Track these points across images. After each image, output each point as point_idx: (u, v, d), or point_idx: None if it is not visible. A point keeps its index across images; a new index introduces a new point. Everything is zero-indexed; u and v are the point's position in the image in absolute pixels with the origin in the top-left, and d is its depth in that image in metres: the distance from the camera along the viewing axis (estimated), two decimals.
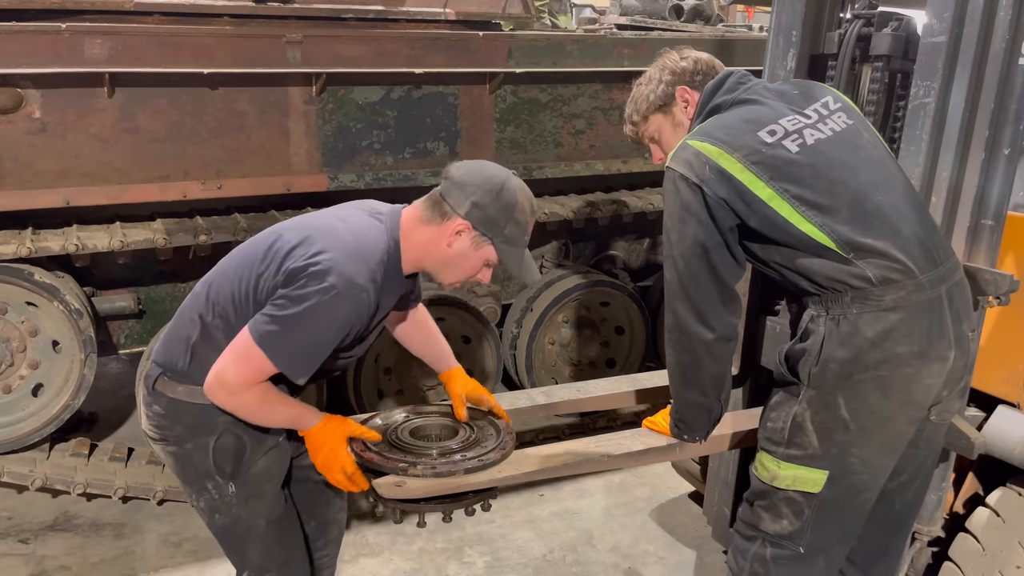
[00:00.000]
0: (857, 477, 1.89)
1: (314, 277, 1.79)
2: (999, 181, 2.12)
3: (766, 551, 1.98)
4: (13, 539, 3.31)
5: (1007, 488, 2.34)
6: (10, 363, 3.31)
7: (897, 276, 1.78)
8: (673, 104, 2.08)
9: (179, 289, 3.72)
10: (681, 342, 1.95)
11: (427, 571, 3.16)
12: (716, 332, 1.92)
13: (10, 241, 3.11)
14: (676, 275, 1.91)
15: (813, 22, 2.48)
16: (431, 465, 1.95)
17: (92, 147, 3.19)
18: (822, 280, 1.83)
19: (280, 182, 3.50)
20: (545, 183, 4.11)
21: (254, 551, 2.12)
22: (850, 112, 1.99)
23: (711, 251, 1.87)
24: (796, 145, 1.85)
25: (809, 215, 1.80)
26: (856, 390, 1.82)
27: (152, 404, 2.00)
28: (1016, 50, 2.06)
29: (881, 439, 1.87)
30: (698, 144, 1.87)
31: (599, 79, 3.97)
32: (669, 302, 1.95)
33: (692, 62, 2.08)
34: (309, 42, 3.35)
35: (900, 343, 1.79)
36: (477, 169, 1.97)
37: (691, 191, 1.85)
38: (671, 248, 1.91)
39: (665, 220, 1.93)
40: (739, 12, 9.84)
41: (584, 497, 3.69)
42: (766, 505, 1.96)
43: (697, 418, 2.07)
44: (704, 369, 1.98)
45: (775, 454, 1.92)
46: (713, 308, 1.90)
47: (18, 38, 2.96)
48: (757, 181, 1.82)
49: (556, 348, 4.21)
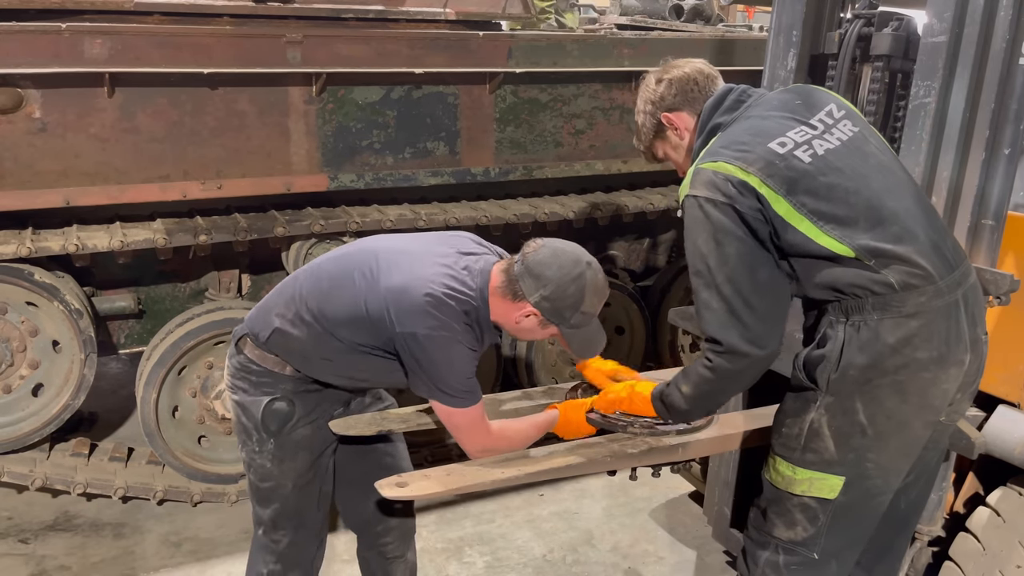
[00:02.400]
0: (872, 482, 1.88)
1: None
2: (999, 181, 2.12)
3: (779, 557, 1.96)
4: (13, 539, 3.31)
5: (1007, 488, 2.34)
6: (10, 363, 3.30)
7: (918, 282, 1.76)
8: (664, 130, 2.09)
9: (179, 289, 3.72)
10: (729, 370, 1.87)
11: (427, 571, 3.16)
12: (771, 350, 1.86)
13: (10, 241, 3.11)
14: (723, 301, 1.82)
15: (813, 22, 2.48)
16: (649, 425, 2.12)
17: (92, 147, 3.19)
18: (843, 287, 1.79)
19: (280, 182, 3.50)
20: (545, 183, 4.11)
21: (273, 509, 2.28)
22: (855, 119, 1.95)
23: (760, 266, 1.81)
24: (808, 156, 1.82)
25: (827, 228, 1.77)
26: (874, 395, 1.80)
27: (233, 356, 2.24)
28: (1016, 50, 2.06)
29: (898, 444, 1.86)
30: (712, 165, 1.83)
31: (599, 79, 3.97)
32: (717, 331, 1.84)
33: (667, 84, 2.06)
34: (309, 42, 3.35)
35: (920, 348, 1.77)
36: (552, 259, 2.02)
37: (721, 211, 1.79)
38: (711, 276, 1.82)
39: (696, 250, 1.84)
40: (739, 12, 9.83)
41: (584, 497, 3.69)
42: (779, 511, 1.94)
43: (697, 416, 2.10)
44: (740, 385, 1.99)
45: (790, 459, 1.90)
46: (770, 327, 1.84)
47: (18, 38, 2.96)
48: (775, 195, 1.78)
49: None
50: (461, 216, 3.68)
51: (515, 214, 3.81)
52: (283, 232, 3.41)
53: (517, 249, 2.16)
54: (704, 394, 1.98)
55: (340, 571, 3.13)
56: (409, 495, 1.95)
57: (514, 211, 3.83)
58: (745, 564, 2.05)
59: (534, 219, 3.84)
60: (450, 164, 3.77)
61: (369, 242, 2.25)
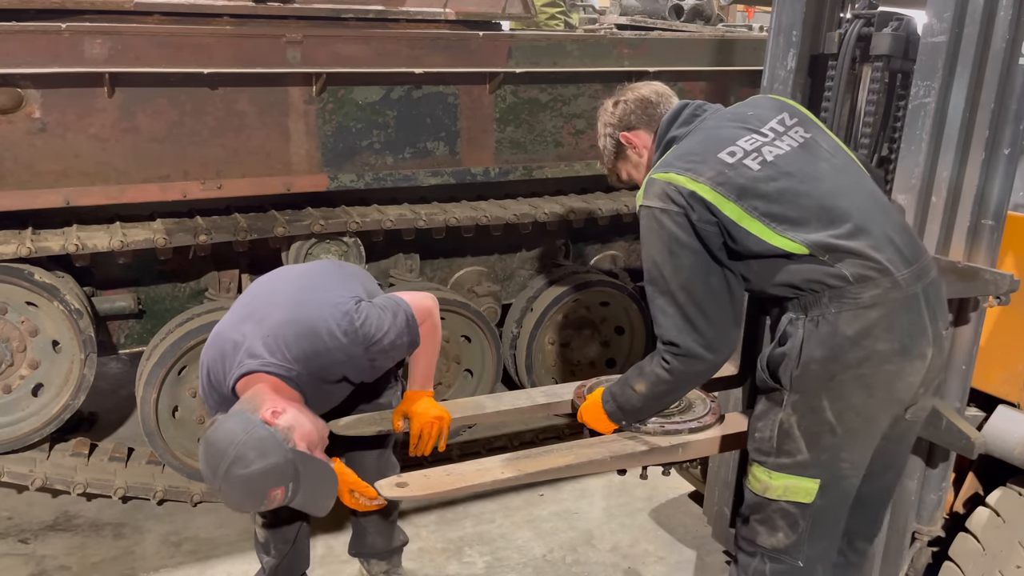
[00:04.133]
0: (848, 482, 1.91)
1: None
2: (999, 181, 2.12)
3: (765, 567, 1.98)
4: (13, 539, 3.31)
5: (1007, 488, 2.34)
6: (10, 363, 3.30)
7: (873, 274, 1.80)
8: (624, 150, 2.17)
9: (179, 289, 3.72)
10: (684, 372, 1.96)
11: (427, 571, 3.16)
12: (723, 355, 1.94)
13: (10, 241, 3.11)
14: (678, 308, 1.90)
15: (813, 22, 2.48)
16: (660, 424, 2.18)
17: (92, 147, 3.19)
18: (799, 283, 1.84)
19: (280, 182, 3.50)
20: (545, 183, 4.11)
21: None
22: (808, 125, 2.01)
23: (712, 274, 1.89)
24: (757, 163, 1.89)
25: (780, 229, 1.83)
26: (840, 391, 1.83)
27: None
28: (1016, 50, 2.06)
29: (866, 439, 1.89)
30: (664, 176, 1.91)
31: (599, 79, 3.97)
32: (675, 336, 1.91)
33: (624, 105, 2.16)
34: (309, 42, 3.35)
35: (881, 340, 1.80)
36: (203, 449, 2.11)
37: (674, 221, 1.87)
38: (666, 284, 1.90)
39: (651, 259, 1.93)
40: (739, 12, 9.82)
41: (584, 497, 3.69)
42: (761, 518, 1.97)
43: (647, 416, 2.16)
44: (692, 386, 2.08)
45: (765, 464, 1.93)
46: (724, 332, 1.92)
47: (18, 38, 2.96)
48: (726, 201, 1.85)
49: (556, 348, 4.21)
50: (461, 216, 3.68)
51: (515, 214, 3.81)
52: (283, 232, 3.41)
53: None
54: (659, 394, 2.06)
55: (339, 571, 3.13)
56: (409, 495, 1.95)
57: (514, 211, 3.83)
58: (736, 574, 2.07)
59: (534, 219, 3.84)
60: (450, 164, 3.77)
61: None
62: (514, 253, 4.22)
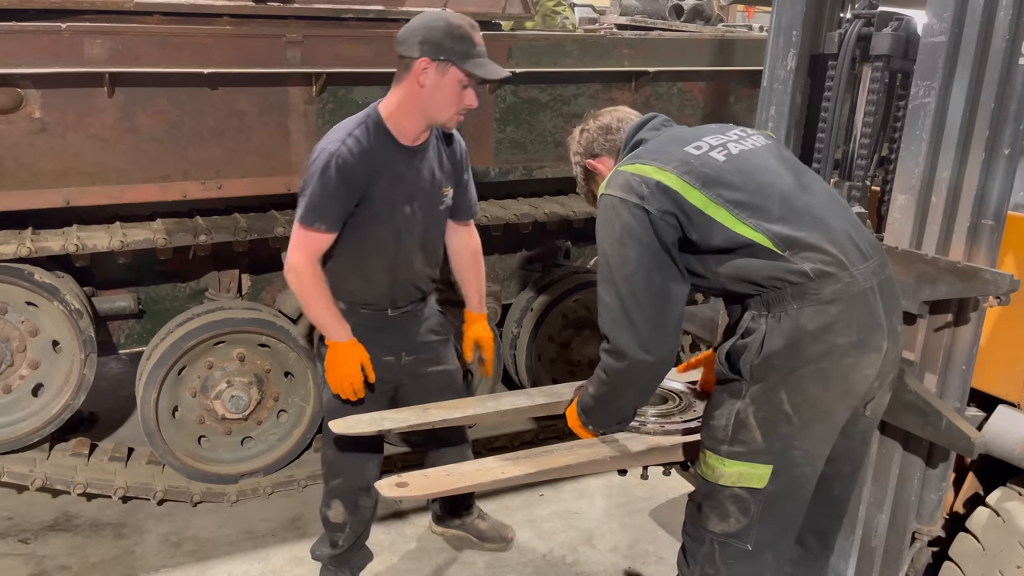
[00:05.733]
0: (800, 469, 1.92)
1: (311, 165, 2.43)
2: (999, 181, 2.12)
3: (715, 551, 1.99)
4: (13, 539, 3.31)
5: (1007, 488, 2.34)
6: (10, 363, 3.31)
7: (832, 269, 1.83)
8: (593, 176, 2.22)
9: (179, 289, 3.73)
10: (619, 370, 1.96)
11: (427, 571, 3.17)
12: (658, 357, 1.94)
13: (10, 241, 3.11)
14: (618, 300, 1.91)
15: (813, 22, 2.48)
16: (659, 423, 2.19)
17: (92, 147, 3.19)
18: (762, 280, 1.86)
19: (280, 182, 3.50)
20: (545, 183, 4.11)
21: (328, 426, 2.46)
22: (768, 138, 2.09)
23: (655, 272, 1.90)
24: (722, 156, 1.93)
25: (743, 217, 1.86)
26: (798, 384, 1.85)
27: None
28: (1016, 50, 2.06)
29: (822, 430, 1.91)
30: (630, 167, 1.94)
31: (599, 79, 3.97)
32: (609, 329, 1.94)
33: (587, 134, 2.21)
34: (309, 42, 3.35)
35: (840, 334, 1.83)
36: (412, 22, 2.39)
37: (631, 213, 1.89)
38: (611, 273, 1.92)
39: (602, 247, 1.95)
40: (739, 12, 9.83)
41: (584, 497, 3.70)
42: (712, 504, 1.98)
43: (607, 422, 2.17)
44: (634, 390, 2.05)
45: (719, 452, 1.94)
46: (658, 333, 1.92)
47: (18, 38, 2.96)
48: (692, 190, 1.87)
49: (556, 348, 4.21)
50: None
51: (515, 214, 3.81)
52: (283, 232, 3.41)
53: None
54: (603, 396, 2.06)
55: None
56: (409, 495, 1.95)
57: (514, 211, 3.83)
58: (684, 561, 2.08)
59: (534, 219, 3.84)
60: None
61: None
62: (514, 253, 4.22)
